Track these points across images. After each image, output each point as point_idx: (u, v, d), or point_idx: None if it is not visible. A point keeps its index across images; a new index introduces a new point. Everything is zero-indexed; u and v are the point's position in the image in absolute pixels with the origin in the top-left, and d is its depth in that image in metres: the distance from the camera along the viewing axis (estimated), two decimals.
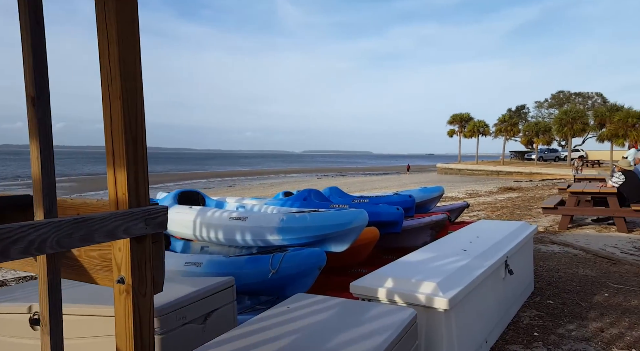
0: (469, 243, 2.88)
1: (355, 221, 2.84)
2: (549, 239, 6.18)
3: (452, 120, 45.34)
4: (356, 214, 2.86)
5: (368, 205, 3.87)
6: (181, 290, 2.04)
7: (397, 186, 28.32)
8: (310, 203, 3.93)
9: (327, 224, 2.84)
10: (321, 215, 2.89)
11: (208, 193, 21.85)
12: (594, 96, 53.65)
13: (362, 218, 2.87)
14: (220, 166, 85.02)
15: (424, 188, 5.28)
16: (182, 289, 2.05)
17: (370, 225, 3.80)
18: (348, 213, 2.86)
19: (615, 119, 29.78)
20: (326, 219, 2.86)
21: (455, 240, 2.98)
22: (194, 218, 3.63)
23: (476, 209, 10.85)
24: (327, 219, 2.86)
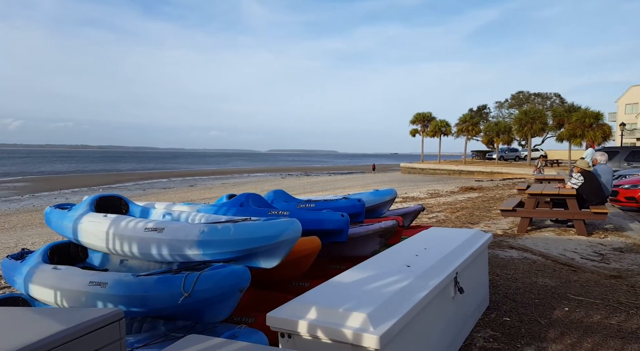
0: (414, 257, 2.47)
1: (286, 233, 2.37)
2: (508, 243, 5.94)
3: (414, 119, 45.76)
4: (287, 225, 2.39)
5: (310, 212, 3.41)
6: (45, 328, 1.49)
7: (360, 186, 28.18)
8: (247, 209, 3.42)
9: (253, 237, 2.36)
10: (247, 226, 2.40)
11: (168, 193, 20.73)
12: (552, 96, 55.73)
13: (293, 229, 2.40)
14: (183, 165, 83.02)
15: (376, 191, 4.88)
16: (46, 327, 1.50)
17: (312, 233, 3.34)
18: (277, 224, 2.39)
19: (573, 119, 30.82)
20: (252, 230, 2.37)
21: (400, 253, 2.57)
22: (107, 228, 3.05)
23: (436, 210, 10.65)
24: (253, 230, 2.37)
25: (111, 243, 2.93)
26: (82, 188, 31.30)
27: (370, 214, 4.86)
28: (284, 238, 2.35)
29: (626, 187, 9.69)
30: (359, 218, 4.17)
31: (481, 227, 7.63)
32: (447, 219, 8.79)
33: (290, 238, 2.38)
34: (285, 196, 4.44)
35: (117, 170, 58.78)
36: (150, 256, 2.73)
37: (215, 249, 2.43)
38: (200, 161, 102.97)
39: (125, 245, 2.84)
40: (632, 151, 15.54)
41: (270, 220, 2.46)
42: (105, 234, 2.97)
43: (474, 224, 8.03)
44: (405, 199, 15.27)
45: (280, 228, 2.36)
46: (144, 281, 2.35)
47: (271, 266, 2.47)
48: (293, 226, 2.40)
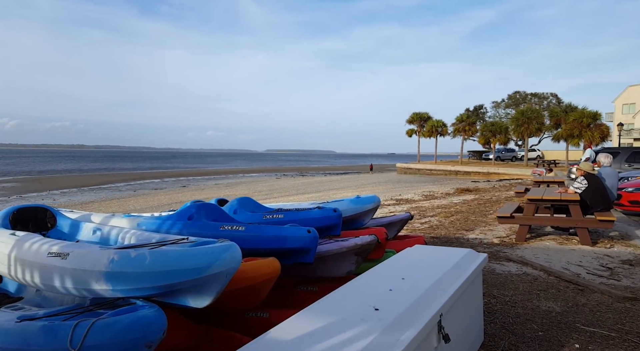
0: (387, 293, 1.90)
1: (217, 264, 1.79)
2: (505, 255, 5.38)
3: (411, 119, 45.29)
4: (219, 254, 1.81)
5: (270, 226, 2.83)
6: None
7: (355, 187, 27.62)
8: (197, 222, 2.84)
9: (172, 270, 1.78)
10: (166, 254, 1.82)
11: (158, 194, 19.92)
12: (549, 96, 55.33)
13: (228, 259, 1.83)
14: (179, 165, 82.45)
15: (357, 198, 4.31)
16: None
17: (273, 253, 2.77)
18: (207, 252, 1.81)
19: (570, 119, 30.37)
20: (172, 261, 1.78)
21: (369, 286, 2.00)
22: (9, 250, 2.46)
23: (429, 214, 10.10)
24: (173, 261, 1.78)
25: (12, 269, 2.35)
26: (72, 188, 30.63)
27: (350, 225, 4.30)
28: (213, 270, 1.77)
29: (630, 190, 9.15)
30: (334, 231, 3.60)
31: (476, 234, 7.08)
32: (440, 225, 8.24)
33: (222, 271, 1.80)
34: (252, 204, 3.86)
35: (110, 170, 58.08)
36: (54, 289, 2.15)
37: (128, 284, 1.85)
38: (196, 161, 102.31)
39: (26, 273, 2.26)
40: (634, 152, 15.03)
41: (199, 246, 1.88)
42: (7, 258, 2.39)
43: (468, 230, 7.48)
44: (398, 201, 14.72)
45: (209, 258, 1.78)
46: (26, 328, 1.76)
47: (202, 306, 1.90)
48: (227, 254, 1.83)
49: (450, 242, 6.47)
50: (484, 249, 5.84)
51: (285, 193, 24.15)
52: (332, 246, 3.07)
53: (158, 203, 20.84)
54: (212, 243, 1.94)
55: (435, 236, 7.01)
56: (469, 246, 6.05)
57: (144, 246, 1.93)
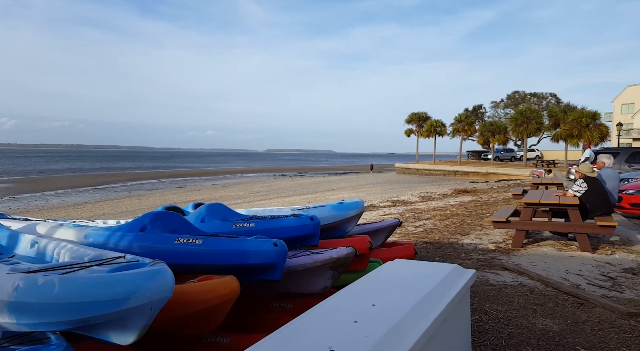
0: (349, 326, 1.59)
1: (138, 295, 1.46)
2: (500, 262, 5.07)
3: (410, 119, 45.03)
4: (142, 281, 1.48)
5: (232, 239, 2.51)
6: None
7: (353, 187, 27.33)
8: (149, 235, 2.49)
9: (85, 301, 1.46)
10: (79, 282, 1.48)
11: (153, 195, 19.52)
12: (548, 96, 55.07)
13: (152, 289, 1.50)
14: (177, 165, 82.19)
15: (339, 204, 3.99)
16: None
17: (235, 270, 2.46)
18: (127, 280, 1.47)
19: (569, 119, 30.09)
20: (85, 289, 1.45)
21: (331, 316, 1.68)
22: None
23: (425, 216, 9.80)
24: (86, 289, 1.46)
25: None
26: (67, 189, 30.33)
27: (332, 233, 3.98)
28: (133, 303, 1.46)
29: (630, 192, 8.85)
30: (311, 241, 3.29)
31: (471, 239, 6.78)
32: (435, 229, 7.93)
33: (145, 303, 1.48)
34: (222, 211, 3.54)
35: (108, 170, 57.77)
36: None
37: (34, 317, 1.53)
38: (195, 161, 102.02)
39: None
40: (634, 152, 14.72)
41: (122, 271, 1.56)
42: None
43: (463, 235, 7.18)
44: (394, 202, 14.43)
45: (129, 288, 1.46)
46: None
47: (127, 343, 1.58)
48: (153, 283, 1.50)
49: (443, 247, 6.17)
50: (478, 255, 5.53)
51: (282, 194, 23.86)
52: (304, 260, 2.75)
53: (152, 204, 20.56)
54: (140, 266, 1.62)
55: (429, 241, 6.70)
56: (462, 252, 5.75)
57: (57, 270, 1.61)
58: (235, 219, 3.48)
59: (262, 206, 17.65)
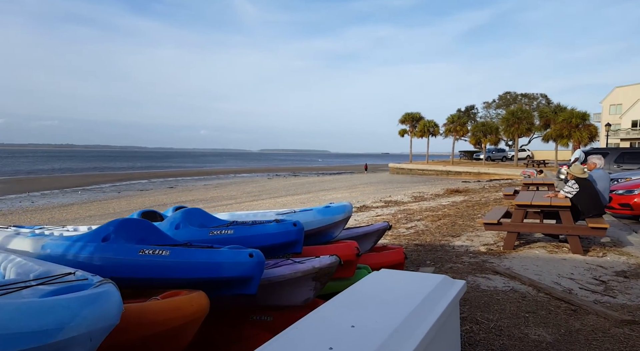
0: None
1: (73, 325, 1.22)
2: (491, 266, 4.96)
3: (403, 119, 45.11)
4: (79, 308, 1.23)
5: (200, 251, 2.32)
6: None
7: (347, 187, 27.21)
8: (112, 245, 2.24)
9: (10, 333, 1.25)
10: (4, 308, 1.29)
11: (143, 196, 19.19)
12: (538, 97, 55.44)
13: (91, 317, 1.28)
14: (170, 164, 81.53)
15: (325, 208, 3.84)
16: None
17: (207, 284, 2.28)
18: (61, 306, 1.24)
19: (559, 120, 30.27)
20: (9, 319, 1.24)
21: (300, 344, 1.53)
22: None
23: (417, 217, 9.69)
24: (10, 319, 1.23)
25: None
26: (54, 190, 29.81)
27: (318, 238, 3.84)
28: (68, 334, 1.26)
29: (620, 192, 8.81)
30: (294, 248, 3.14)
31: (462, 241, 6.67)
32: (426, 230, 7.82)
33: (83, 334, 1.29)
34: (199, 217, 3.37)
35: (98, 170, 57.10)
36: None
37: None
38: (189, 161, 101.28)
39: None
40: (623, 153, 14.77)
41: (56, 296, 1.37)
42: None
43: (455, 236, 7.07)
44: (387, 203, 14.33)
45: (62, 316, 1.26)
46: None
47: None
48: (92, 310, 1.31)
49: (434, 250, 6.05)
50: (470, 258, 5.42)
51: (275, 194, 23.67)
52: (284, 271, 2.60)
53: (140, 205, 20.29)
54: (84, 288, 1.45)
55: (420, 244, 6.58)
56: (454, 255, 5.63)
57: None
58: (214, 225, 3.31)
59: (253, 207, 17.45)
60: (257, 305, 2.83)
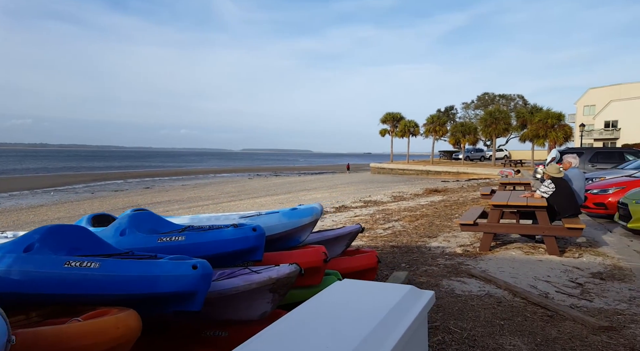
0: None
1: None
2: (467, 268, 4.80)
3: (384, 119, 45.26)
4: None
5: (135, 263, 2.04)
6: None
7: (327, 187, 27.02)
8: (36, 256, 1.95)
9: None
10: None
11: (117, 197, 18.67)
12: (515, 97, 56.46)
13: None
14: (149, 164, 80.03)
15: (294, 210, 3.59)
16: None
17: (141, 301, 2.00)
18: None
19: (535, 120, 30.77)
20: None
21: None
22: None
23: (394, 217, 9.55)
24: None
25: None
26: (24, 190, 28.70)
27: (284, 243, 3.59)
28: None
29: (595, 192, 8.85)
30: (254, 256, 2.88)
31: (439, 242, 6.53)
32: (403, 231, 7.66)
33: None
34: (150, 221, 3.07)
35: (74, 170, 55.45)
36: None
37: None
38: (168, 160, 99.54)
39: None
40: (597, 152, 15.01)
41: None
42: None
43: (431, 237, 6.93)
44: (366, 203, 14.18)
45: None
46: None
47: None
48: None
49: (410, 252, 5.88)
50: (445, 260, 5.26)
51: (254, 195, 23.29)
52: (237, 282, 2.34)
53: (113, 206, 19.68)
54: None
55: (396, 245, 6.41)
56: (429, 257, 5.47)
57: None
58: (165, 231, 3.03)
59: (230, 207, 17.07)
60: (210, 319, 2.57)
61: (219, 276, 2.61)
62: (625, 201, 7.09)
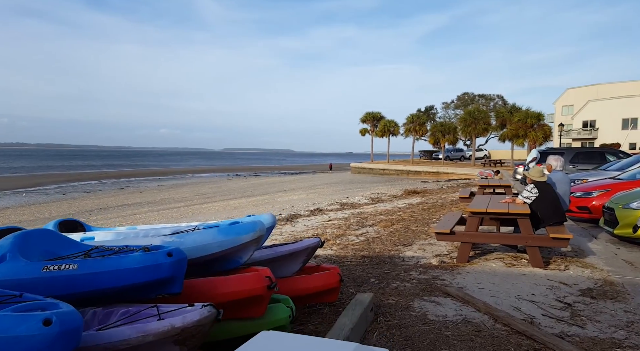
0: None
1: None
2: (443, 284, 4.27)
3: (364, 119, 44.98)
4: None
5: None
6: None
7: (306, 188, 26.43)
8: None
9: None
10: None
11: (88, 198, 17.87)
12: (495, 97, 56.93)
13: None
14: (128, 163, 78.24)
15: (233, 225, 2.94)
16: None
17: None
18: None
19: (515, 120, 30.80)
20: None
21: None
22: None
23: (369, 222, 9.01)
24: None
25: None
26: None
27: (220, 265, 2.97)
28: None
29: (578, 195, 8.48)
30: (170, 288, 2.26)
31: (414, 251, 6.00)
32: (377, 238, 7.13)
33: None
34: (45, 243, 2.41)
35: (50, 170, 53.57)
36: None
37: None
38: (147, 160, 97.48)
39: None
40: (578, 153, 14.81)
41: None
42: None
43: (406, 245, 6.40)
44: (343, 205, 13.65)
45: None
46: None
47: None
48: None
49: (382, 263, 5.33)
50: (419, 274, 4.73)
51: (229, 196, 22.53)
52: (127, 333, 1.72)
53: (82, 208, 18.72)
54: None
55: (367, 255, 5.85)
56: (402, 270, 4.92)
57: None
58: (65, 254, 2.38)
59: (203, 210, 16.28)
60: None
61: (119, 318, 1.98)
62: (611, 206, 6.70)
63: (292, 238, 7.60)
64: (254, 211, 14.30)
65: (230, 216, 12.21)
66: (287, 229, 8.70)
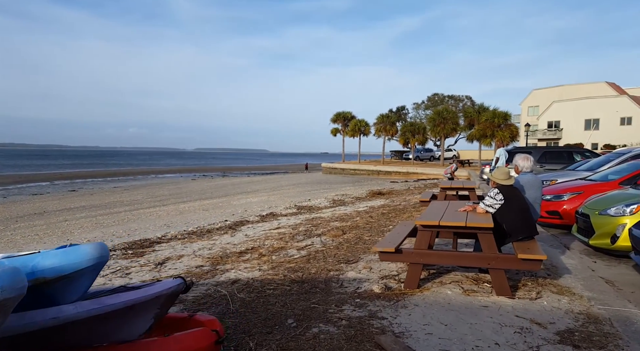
0: None
1: None
2: (380, 326, 3.15)
3: (335, 118, 44.29)
4: None
5: None
6: None
7: (272, 189, 25.12)
8: None
9: None
10: None
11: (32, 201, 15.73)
12: (464, 98, 57.22)
13: None
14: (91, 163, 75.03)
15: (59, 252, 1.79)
16: None
17: None
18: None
19: (482, 119, 30.51)
20: None
21: None
22: None
23: (320, 230, 7.88)
24: None
25: None
26: None
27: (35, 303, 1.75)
28: None
29: (547, 198, 7.59)
30: None
31: (357, 271, 4.88)
32: (320, 252, 5.99)
33: None
34: None
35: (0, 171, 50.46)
36: None
37: None
38: (112, 160, 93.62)
39: None
40: (545, 151, 14.18)
41: None
42: None
43: (350, 263, 5.29)
44: (300, 209, 12.46)
45: None
46: None
47: None
48: None
49: (312, 291, 4.18)
50: (354, 310, 3.60)
51: (184, 199, 20.97)
52: None
53: (14, 214, 16.86)
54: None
55: (299, 279, 4.67)
56: (334, 303, 3.78)
57: None
58: None
59: (144, 215, 14.69)
60: None
61: None
62: (586, 212, 5.80)
63: (222, 251, 6.37)
64: (203, 216, 12.95)
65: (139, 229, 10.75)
66: (223, 241, 7.45)
